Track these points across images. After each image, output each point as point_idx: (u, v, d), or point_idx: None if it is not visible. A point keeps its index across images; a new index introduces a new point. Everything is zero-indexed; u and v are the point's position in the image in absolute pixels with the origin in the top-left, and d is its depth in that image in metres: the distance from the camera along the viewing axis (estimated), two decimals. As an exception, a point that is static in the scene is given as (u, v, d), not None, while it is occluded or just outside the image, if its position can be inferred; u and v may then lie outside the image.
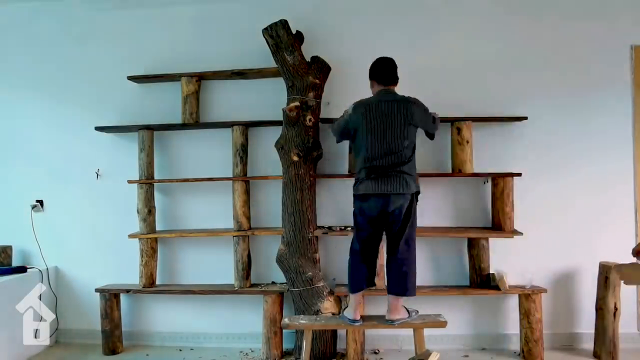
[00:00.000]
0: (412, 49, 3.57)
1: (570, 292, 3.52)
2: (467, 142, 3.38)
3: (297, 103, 3.28)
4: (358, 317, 2.83)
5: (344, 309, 2.93)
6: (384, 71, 2.85)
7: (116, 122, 3.70)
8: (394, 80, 2.86)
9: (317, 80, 3.35)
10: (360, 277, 2.80)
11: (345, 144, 3.42)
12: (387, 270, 2.78)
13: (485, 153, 3.49)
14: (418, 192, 2.77)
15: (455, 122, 3.42)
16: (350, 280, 2.83)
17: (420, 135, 2.95)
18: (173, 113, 3.67)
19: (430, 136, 2.98)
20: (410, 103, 2.76)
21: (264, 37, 3.35)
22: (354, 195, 2.81)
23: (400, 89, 3.17)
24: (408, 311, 2.86)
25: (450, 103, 3.50)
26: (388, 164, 2.69)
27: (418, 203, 2.81)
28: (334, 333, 3.40)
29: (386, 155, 2.69)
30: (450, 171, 3.49)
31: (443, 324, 2.87)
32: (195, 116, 3.59)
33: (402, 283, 2.72)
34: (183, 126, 3.59)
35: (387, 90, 2.84)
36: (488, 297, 3.50)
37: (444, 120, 3.42)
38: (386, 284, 2.83)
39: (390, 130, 2.70)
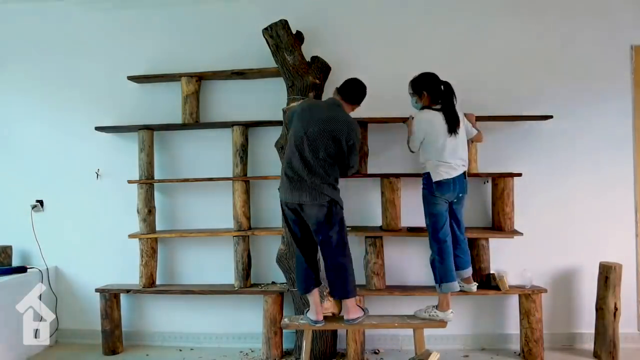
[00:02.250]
0: (413, 49, 3.57)
1: (570, 292, 3.53)
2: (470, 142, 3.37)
3: (297, 103, 3.28)
4: (320, 318, 2.90)
5: (307, 311, 2.98)
6: (353, 89, 2.93)
7: (116, 122, 3.70)
8: (354, 100, 2.93)
9: (317, 80, 3.35)
10: (307, 279, 2.89)
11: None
12: (326, 276, 2.87)
13: (485, 153, 3.48)
14: (333, 200, 2.77)
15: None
16: (298, 282, 2.95)
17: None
18: (173, 113, 3.67)
19: (346, 168, 2.88)
20: (349, 124, 2.79)
21: (264, 37, 3.35)
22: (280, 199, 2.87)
23: (402, 88, 3.17)
24: (362, 308, 2.95)
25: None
26: (305, 172, 2.73)
27: (420, 202, 2.81)
28: (334, 333, 3.40)
29: (305, 164, 2.73)
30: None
31: (443, 324, 2.87)
32: (195, 116, 3.59)
33: (342, 288, 2.82)
34: (183, 126, 3.59)
35: (336, 102, 2.89)
36: (488, 297, 3.50)
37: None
38: (328, 288, 2.92)
39: (318, 138, 2.73)
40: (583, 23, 3.50)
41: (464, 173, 3.00)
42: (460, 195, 3.02)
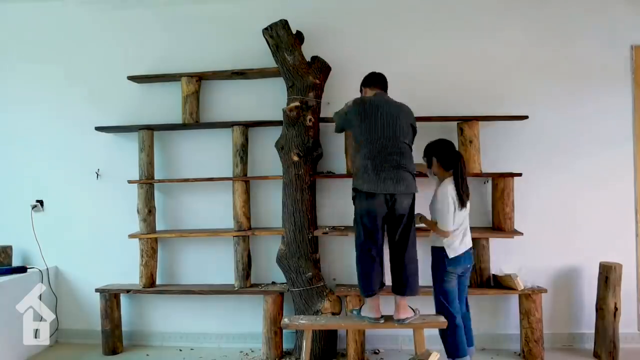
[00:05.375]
0: (413, 49, 3.57)
1: (570, 292, 3.53)
2: (471, 142, 3.37)
3: (297, 103, 3.28)
4: (379, 315, 2.80)
5: (361, 308, 2.88)
6: (380, 78, 2.97)
7: (116, 122, 3.70)
8: (386, 85, 2.96)
9: (317, 80, 3.35)
10: (378, 278, 2.75)
11: (342, 144, 3.43)
12: (393, 270, 2.75)
13: (486, 153, 3.48)
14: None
15: (459, 123, 3.42)
16: (368, 283, 2.73)
17: (424, 136, 2.94)
18: (173, 113, 3.67)
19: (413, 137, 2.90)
20: (408, 109, 2.85)
21: (264, 37, 3.35)
22: (357, 192, 2.72)
23: (401, 89, 3.18)
24: (412, 309, 2.86)
25: (452, 103, 3.52)
26: (393, 162, 2.66)
27: (423, 203, 2.80)
28: (334, 333, 3.40)
29: (393, 154, 2.67)
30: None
31: (444, 324, 2.87)
32: (196, 116, 3.59)
33: (410, 283, 2.73)
34: (183, 126, 3.59)
35: (382, 93, 2.90)
36: (488, 297, 3.50)
37: (449, 119, 3.43)
38: (392, 284, 2.80)
39: (396, 127, 2.72)
40: (583, 23, 3.50)
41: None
42: (469, 266, 2.98)
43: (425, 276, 3.54)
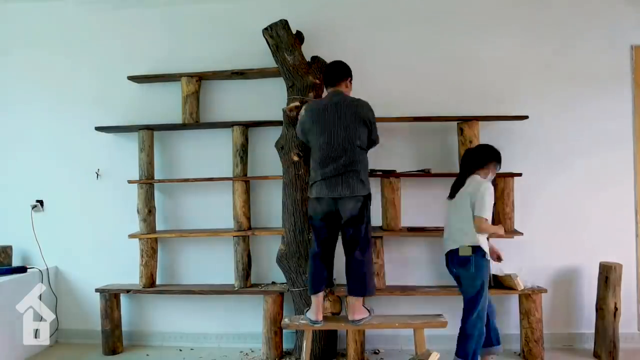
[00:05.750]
0: (413, 49, 3.57)
1: (570, 292, 3.53)
2: (471, 142, 3.37)
3: (297, 103, 3.28)
4: (320, 318, 2.86)
5: (307, 310, 2.95)
6: (327, 73, 2.94)
7: (116, 122, 3.70)
8: (337, 79, 2.89)
9: (317, 80, 3.35)
10: (320, 279, 2.85)
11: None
12: (347, 271, 2.82)
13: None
14: (369, 195, 2.80)
15: (459, 123, 3.42)
16: (310, 281, 2.87)
17: (423, 136, 2.93)
18: (173, 113, 3.67)
19: (371, 143, 2.92)
20: (360, 104, 2.81)
21: (264, 37, 3.35)
22: (309, 198, 2.88)
23: (402, 89, 3.18)
24: (367, 309, 2.90)
25: (452, 103, 3.52)
26: (339, 166, 2.72)
27: (423, 203, 2.79)
28: (334, 333, 3.40)
29: (337, 158, 2.73)
30: (458, 171, 3.46)
31: (444, 324, 2.87)
32: (196, 116, 3.59)
33: (362, 284, 2.77)
34: (183, 126, 3.59)
35: (335, 91, 2.88)
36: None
37: (448, 120, 3.42)
38: (346, 284, 2.86)
39: (340, 129, 2.74)
40: (583, 23, 3.50)
41: None
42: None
43: (427, 275, 3.57)
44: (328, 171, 2.74)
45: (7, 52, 3.83)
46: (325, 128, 2.76)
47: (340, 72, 2.91)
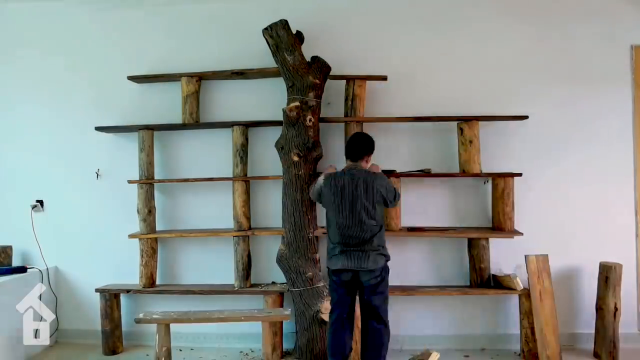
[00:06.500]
0: (413, 49, 3.57)
1: (570, 292, 3.52)
2: (471, 142, 3.37)
3: (297, 103, 3.28)
4: None
5: None
6: (351, 147, 2.94)
7: (116, 122, 3.69)
8: (360, 155, 2.90)
9: (317, 80, 3.35)
10: (344, 343, 2.85)
11: (342, 144, 3.42)
12: (363, 336, 2.86)
13: (486, 153, 3.48)
14: (387, 261, 2.87)
15: (459, 123, 3.42)
16: (336, 348, 2.84)
17: (424, 136, 2.92)
18: (173, 113, 3.67)
19: (388, 203, 2.92)
20: (376, 180, 2.83)
21: (264, 37, 3.35)
22: (328, 269, 2.92)
23: (402, 89, 3.17)
24: None
25: (452, 103, 3.51)
26: (357, 240, 2.78)
27: (423, 203, 2.78)
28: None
29: (356, 237, 2.78)
30: (458, 171, 3.47)
31: (286, 317, 3.03)
32: (196, 116, 3.59)
33: (377, 352, 2.80)
34: (183, 126, 3.59)
35: (355, 166, 2.90)
36: (488, 297, 3.50)
37: (449, 119, 3.42)
38: (360, 349, 2.88)
39: (358, 209, 2.77)
40: (583, 23, 3.50)
41: None
42: None
43: (427, 275, 3.57)
44: (346, 245, 2.80)
45: (7, 52, 3.83)
46: (344, 206, 2.79)
47: (364, 149, 2.92)
